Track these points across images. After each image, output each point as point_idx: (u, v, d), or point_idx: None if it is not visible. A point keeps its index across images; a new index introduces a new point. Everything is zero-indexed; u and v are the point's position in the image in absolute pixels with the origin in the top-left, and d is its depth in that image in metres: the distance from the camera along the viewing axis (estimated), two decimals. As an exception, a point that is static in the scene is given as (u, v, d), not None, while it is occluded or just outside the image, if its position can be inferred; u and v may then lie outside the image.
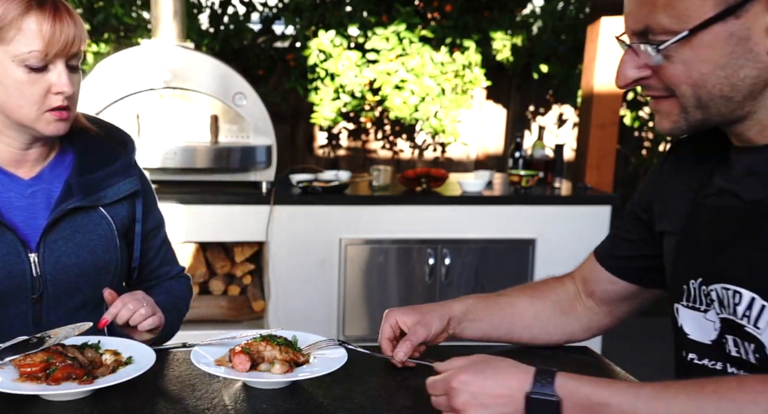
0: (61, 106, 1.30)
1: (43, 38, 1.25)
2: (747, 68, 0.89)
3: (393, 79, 4.92)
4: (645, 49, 0.93)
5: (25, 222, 1.36)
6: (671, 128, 0.98)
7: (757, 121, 0.94)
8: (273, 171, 3.68)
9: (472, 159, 5.99)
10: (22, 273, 1.34)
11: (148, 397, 1.18)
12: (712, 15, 0.87)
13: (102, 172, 1.42)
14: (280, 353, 1.26)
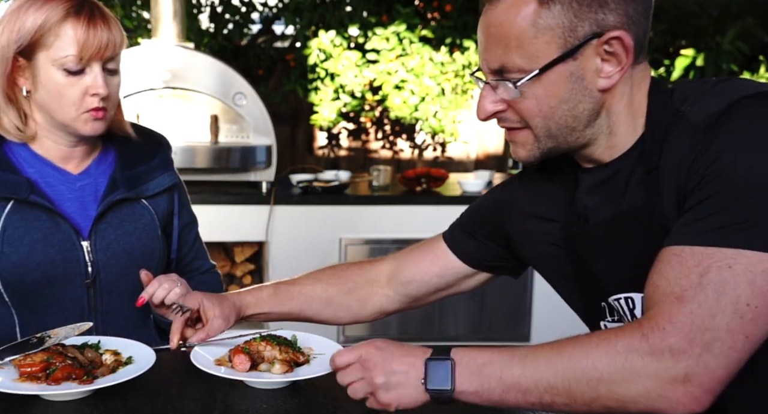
0: (98, 107, 1.38)
1: (78, 43, 1.34)
2: (584, 102, 1.03)
3: (393, 79, 4.92)
4: (502, 86, 1.05)
5: (77, 213, 1.46)
6: (527, 156, 1.10)
7: (599, 145, 1.08)
8: (273, 171, 3.68)
9: (472, 159, 5.99)
10: (77, 259, 1.43)
11: (148, 397, 1.18)
12: (555, 56, 1.00)
13: (143, 168, 1.53)
14: (280, 353, 1.26)
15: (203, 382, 1.23)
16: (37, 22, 1.34)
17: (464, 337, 3.81)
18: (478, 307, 3.76)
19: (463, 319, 3.82)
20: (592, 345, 0.93)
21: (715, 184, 0.91)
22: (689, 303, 0.88)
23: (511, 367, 0.96)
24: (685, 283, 0.89)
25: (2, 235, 1.38)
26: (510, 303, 3.79)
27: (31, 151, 1.46)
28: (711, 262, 0.88)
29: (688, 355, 0.87)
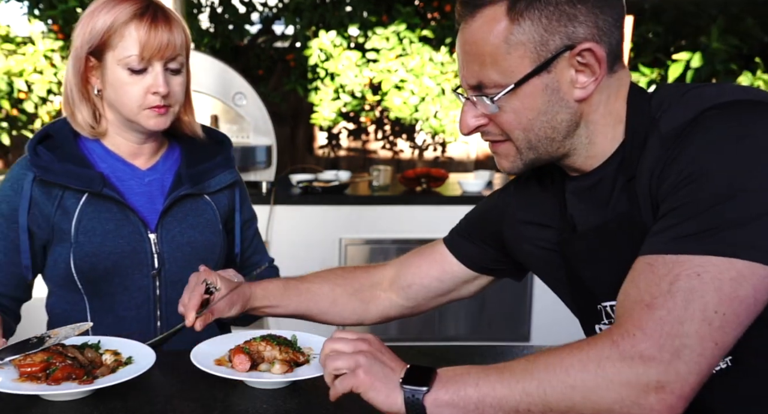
0: (159, 104, 1.46)
1: (140, 43, 1.42)
2: (562, 113, 1.06)
3: (393, 78, 4.93)
4: (481, 101, 1.07)
5: (144, 206, 1.55)
6: (510, 167, 1.13)
7: (579, 154, 1.10)
8: (273, 171, 3.68)
9: (472, 159, 6.00)
10: (144, 250, 1.52)
11: (148, 397, 1.18)
12: (530, 70, 1.03)
13: (206, 165, 1.61)
14: (280, 353, 1.26)
15: (203, 382, 1.23)
16: (106, 24, 1.43)
17: (464, 337, 3.81)
18: (478, 307, 3.76)
19: (463, 320, 3.82)
20: (565, 354, 0.94)
21: (683, 194, 0.93)
22: (658, 310, 0.89)
23: (488, 375, 0.98)
24: (655, 291, 0.90)
25: (77, 225, 1.47)
26: (510, 303, 3.79)
27: (104, 147, 1.55)
28: (680, 270, 0.90)
29: (658, 361, 0.88)
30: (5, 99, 4.80)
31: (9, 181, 1.50)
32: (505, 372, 0.97)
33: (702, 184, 0.92)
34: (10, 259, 1.49)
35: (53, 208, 1.47)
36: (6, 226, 1.48)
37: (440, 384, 0.99)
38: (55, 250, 1.49)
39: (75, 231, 1.47)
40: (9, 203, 1.48)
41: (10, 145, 5.13)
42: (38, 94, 4.84)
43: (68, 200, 1.48)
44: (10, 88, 4.79)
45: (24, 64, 4.77)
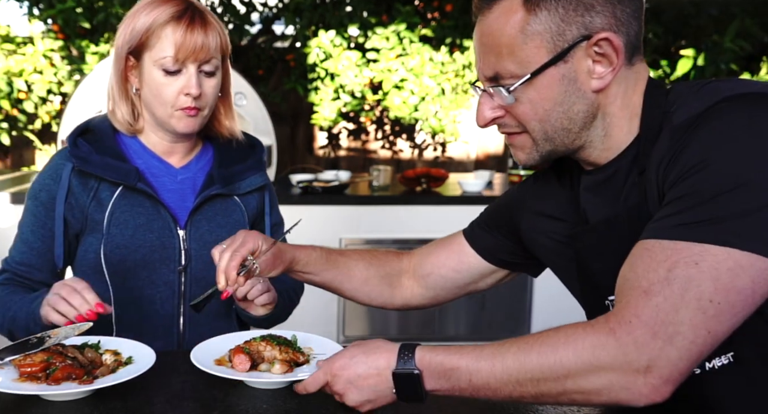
0: (190, 106, 1.49)
1: (176, 45, 1.45)
2: (578, 104, 1.06)
3: (393, 78, 4.92)
4: (498, 92, 1.07)
5: (175, 203, 1.58)
6: (526, 159, 1.13)
7: (595, 147, 1.11)
8: (273, 171, 3.68)
9: (472, 159, 6.00)
10: (173, 246, 1.55)
11: (148, 397, 1.18)
12: (546, 60, 1.03)
13: (237, 167, 1.65)
14: (280, 353, 1.26)
15: (203, 382, 1.23)
16: (145, 25, 1.47)
17: (464, 337, 3.82)
18: (478, 307, 3.76)
19: (463, 319, 3.82)
20: (560, 342, 0.95)
21: (688, 183, 0.93)
22: (655, 297, 0.90)
23: (479, 370, 0.99)
24: (652, 277, 0.91)
25: (110, 217, 1.51)
26: (510, 303, 3.79)
27: (141, 143, 1.59)
28: (679, 257, 0.90)
29: (651, 347, 0.89)
30: (5, 99, 4.80)
31: (48, 171, 1.54)
32: (497, 364, 0.98)
33: (707, 174, 0.92)
34: (47, 247, 1.53)
35: (88, 199, 1.51)
36: (45, 214, 1.52)
37: (432, 383, 1.02)
38: (86, 241, 1.52)
39: (107, 222, 1.50)
40: (48, 192, 1.52)
41: (10, 145, 5.13)
42: (38, 94, 4.84)
43: (103, 192, 1.52)
44: (10, 88, 4.79)
45: (24, 64, 4.77)
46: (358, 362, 1.07)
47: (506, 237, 1.36)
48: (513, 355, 0.97)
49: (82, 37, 4.86)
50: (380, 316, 3.76)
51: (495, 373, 0.98)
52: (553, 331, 0.97)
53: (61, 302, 1.35)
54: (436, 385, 1.03)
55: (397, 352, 1.04)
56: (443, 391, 1.03)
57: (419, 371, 1.02)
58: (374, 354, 1.06)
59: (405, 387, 1.04)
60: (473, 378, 1.00)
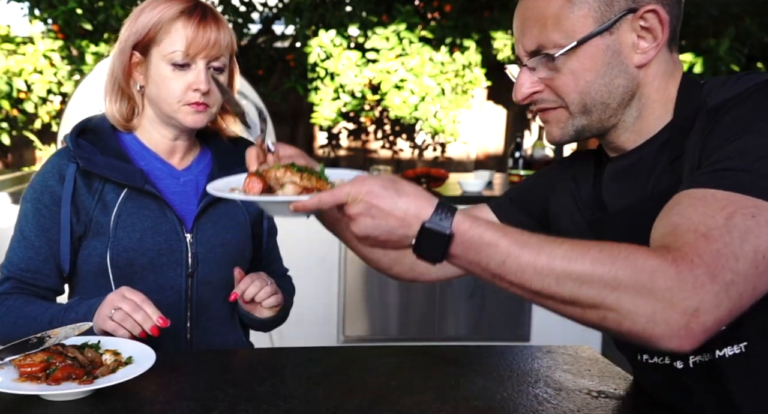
0: (198, 101, 1.47)
1: (186, 40, 1.43)
2: (620, 78, 1.06)
3: (393, 78, 4.92)
4: (540, 64, 1.08)
5: (180, 206, 1.55)
6: (560, 135, 1.12)
7: (626, 128, 1.11)
8: (273, 171, 3.67)
9: (472, 159, 6.00)
10: (180, 250, 1.52)
11: (148, 397, 1.18)
12: (592, 30, 1.04)
13: (238, 169, 1.52)
14: (301, 180, 1.10)
15: (203, 382, 1.23)
16: (153, 20, 1.45)
17: (464, 337, 3.82)
18: (478, 307, 3.76)
19: (463, 319, 3.82)
20: (620, 255, 0.88)
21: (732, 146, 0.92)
22: (715, 242, 0.86)
23: (519, 256, 0.91)
24: (711, 223, 0.87)
25: (116, 220, 1.48)
26: (510, 303, 3.79)
27: (141, 143, 1.56)
28: (736, 208, 0.87)
29: (708, 289, 0.85)
30: (5, 99, 4.80)
31: (50, 172, 1.49)
32: (542, 256, 0.90)
33: (752, 138, 0.92)
34: (53, 252, 1.48)
35: (93, 202, 1.47)
36: (49, 217, 1.47)
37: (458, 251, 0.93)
38: (89, 244, 1.48)
39: (114, 225, 1.47)
40: (52, 193, 1.47)
41: (10, 145, 5.13)
42: (38, 94, 4.84)
43: (108, 194, 1.48)
44: (10, 88, 4.79)
45: (24, 64, 4.77)
46: (387, 196, 0.95)
47: (533, 217, 1.32)
48: (565, 250, 0.90)
49: (82, 37, 4.86)
50: (380, 316, 3.76)
51: (537, 264, 0.90)
52: (613, 244, 0.91)
53: (128, 319, 1.33)
54: (461, 253, 0.94)
55: (435, 205, 0.94)
56: (464, 262, 0.94)
57: (452, 233, 0.93)
58: (407, 197, 0.95)
59: (429, 244, 0.94)
60: (508, 261, 0.91)
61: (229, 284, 1.52)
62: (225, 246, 1.56)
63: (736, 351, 1.00)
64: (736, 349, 1.00)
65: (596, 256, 0.88)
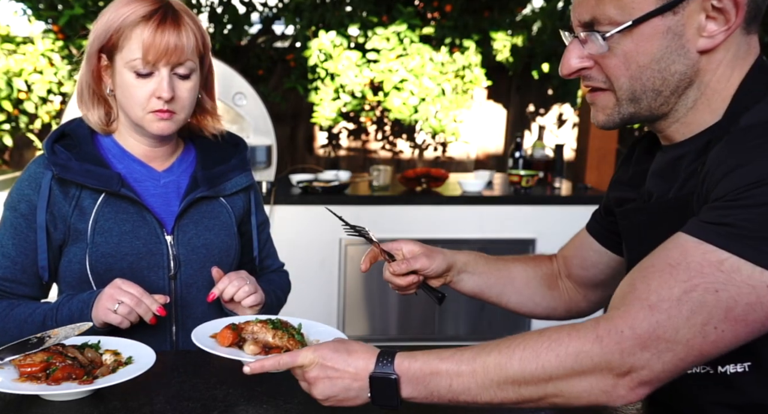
0: (162, 109, 1.43)
1: (145, 47, 1.39)
2: (678, 64, 0.96)
3: (393, 78, 4.92)
4: (591, 39, 0.98)
5: (160, 208, 1.54)
6: (605, 121, 1.05)
7: (676, 118, 1.02)
8: (273, 171, 3.68)
9: (472, 159, 6.00)
10: (161, 252, 1.51)
11: (148, 397, 1.18)
12: (653, 8, 0.93)
13: (221, 168, 1.60)
14: (273, 338, 1.24)
15: (203, 382, 1.23)
16: (114, 24, 1.41)
17: (464, 337, 3.82)
18: (478, 307, 3.76)
19: (463, 319, 3.82)
20: (543, 347, 0.93)
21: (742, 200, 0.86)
22: (659, 314, 0.86)
23: (459, 375, 0.97)
24: (664, 294, 0.87)
25: (94, 226, 1.46)
26: (510, 303, 3.79)
27: (120, 147, 1.54)
28: (701, 281, 0.85)
29: (636, 357, 0.87)
30: (6, 100, 4.80)
31: (27, 181, 1.48)
32: (478, 370, 0.96)
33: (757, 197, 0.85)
34: (31, 260, 1.48)
35: (70, 208, 1.46)
36: (26, 226, 1.46)
37: (409, 389, 1.00)
38: (70, 251, 1.48)
39: (91, 231, 1.45)
40: (29, 202, 1.46)
41: (12, 146, 5.13)
42: (38, 94, 4.84)
43: (85, 200, 1.47)
44: (10, 88, 4.79)
45: (24, 63, 4.77)
46: (339, 357, 1.03)
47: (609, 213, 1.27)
48: (494, 359, 0.95)
49: (82, 37, 4.86)
50: (380, 316, 3.77)
51: (476, 377, 0.96)
52: (537, 334, 0.95)
53: (133, 312, 1.37)
54: (414, 391, 1.00)
55: (377, 356, 1.02)
56: (420, 398, 1.00)
57: (397, 376, 0.99)
58: (355, 354, 1.03)
59: (381, 391, 1.01)
60: (453, 382, 0.97)
61: (213, 285, 1.51)
62: (208, 247, 1.55)
63: (739, 370, 0.98)
64: (740, 367, 0.98)
65: (522, 356, 0.93)
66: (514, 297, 1.39)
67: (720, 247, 0.85)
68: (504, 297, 1.39)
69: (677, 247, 0.89)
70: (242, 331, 1.27)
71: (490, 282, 1.37)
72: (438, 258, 1.33)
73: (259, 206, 1.70)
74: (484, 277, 1.37)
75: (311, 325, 1.36)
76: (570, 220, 3.72)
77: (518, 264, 1.40)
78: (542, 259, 1.43)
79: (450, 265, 1.35)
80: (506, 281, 1.38)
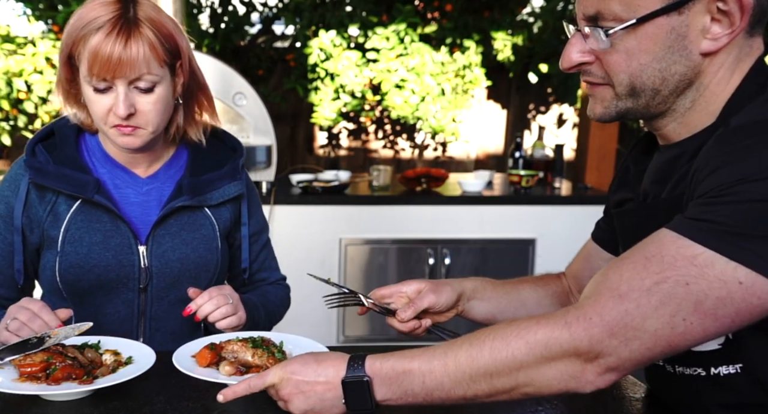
0: (121, 124, 1.36)
1: (98, 62, 1.30)
2: (679, 64, 0.96)
3: (393, 77, 4.92)
4: (594, 34, 0.98)
5: (138, 217, 1.47)
6: (602, 113, 1.04)
7: (674, 118, 1.02)
8: (273, 171, 3.68)
9: (472, 159, 6.00)
10: (132, 264, 1.44)
11: (148, 397, 1.18)
12: (658, 7, 0.92)
13: (212, 175, 1.51)
14: (253, 356, 1.23)
15: (203, 382, 1.23)
16: (74, 33, 1.33)
17: (464, 337, 3.81)
18: (478, 307, 3.75)
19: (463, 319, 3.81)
20: (512, 336, 0.93)
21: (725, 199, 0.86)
22: (628, 303, 0.87)
23: (432, 371, 0.97)
24: (635, 284, 0.87)
25: (65, 234, 1.41)
26: (510, 303, 3.78)
27: (104, 151, 1.48)
28: (673, 274, 0.85)
29: (604, 344, 0.88)
30: (5, 99, 4.80)
31: (7, 182, 1.45)
32: (449, 364, 0.96)
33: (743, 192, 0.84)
34: (8, 262, 1.45)
35: (45, 214, 1.42)
36: (4, 228, 1.44)
37: (383, 391, 0.99)
38: (44, 256, 1.44)
39: (62, 240, 1.41)
40: (7, 204, 1.44)
41: (11, 146, 5.14)
42: (38, 94, 4.84)
43: (61, 206, 1.42)
44: (10, 88, 4.79)
45: (24, 64, 4.77)
46: (308, 369, 1.02)
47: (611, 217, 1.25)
48: (465, 351, 0.95)
49: (82, 37, 4.86)
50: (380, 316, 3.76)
51: (448, 371, 0.96)
52: (506, 324, 0.95)
53: (24, 328, 1.28)
54: (388, 392, 0.99)
55: (348, 361, 1.01)
56: (395, 399, 1.00)
57: (369, 378, 0.99)
58: (325, 362, 1.03)
59: (354, 396, 1.00)
60: (426, 379, 0.97)
61: (187, 301, 1.42)
62: (183, 262, 1.48)
63: (731, 371, 0.99)
64: (732, 369, 0.98)
65: (492, 346, 0.94)
66: None
67: (697, 241, 0.86)
68: None
69: (655, 241, 0.90)
70: (222, 350, 1.25)
71: (501, 306, 1.35)
72: (445, 290, 1.30)
73: (253, 215, 1.61)
74: (495, 302, 1.35)
75: (295, 341, 1.33)
76: (570, 220, 3.73)
77: (527, 285, 1.38)
78: (550, 278, 1.41)
79: (459, 295, 1.32)
80: (518, 304, 1.35)
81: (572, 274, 1.39)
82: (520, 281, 1.40)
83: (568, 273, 1.41)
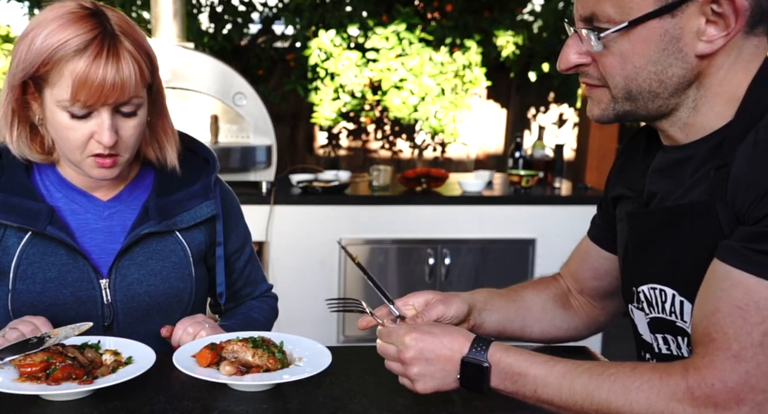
0: (102, 153, 1.25)
1: (86, 88, 1.18)
2: (675, 67, 0.94)
3: (393, 78, 4.93)
4: (588, 36, 0.96)
5: (100, 246, 1.34)
6: (600, 115, 1.03)
7: (678, 118, 1.00)
8: (273, 171, 3.68)
9: (472, 159, 6.00)
10: (93, 300, 1.32)
11: (148, 397, 1.18)
12: (651, 10, 0.91)
13: (181, 194, 1.38)
14: (253, 357, 1.22)
15: (203, 382, 1.23)
16: (44, 54, 1.18)
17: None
18: (478, 307, 3.76)
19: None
20: (634, 386, 0.91)
21: None
22: (746, 363, 0.84)
23: (545, 386, 0.98)
24: (745, 341, 0.85)
25: (16, 270, 1.28)
26: (510, 303, 3.78)
27: (59, 175, 1.35)
28: None
29: (734, 411, 0.85)
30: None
31: None
32: (564, 387, 0.96)
33: None
34: None
35: None
36: None
37: (497, 381, 1.01)
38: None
39: (13, 276, 1.28)
40: None
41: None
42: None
43: (10, 238, 1.28)
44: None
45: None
46: (435, 337, 1.05)
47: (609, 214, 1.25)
48: (582, 383, 0.95)
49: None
50: (380, 316, 3.76)
51: (561, 393, 0.97)
52: (629, 369, 0.93)
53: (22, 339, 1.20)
54: (501, 385, 1.02)
55: (472, 340, 1.04)
56: (507, 392, 1.02)
57: (489, 365, 1.01)
58: (451, 335, 1.05)
59: (470, 376, 1.02)
60: (539, 390, 0.99)
61: (157, 337, 1.34)
62: (152, 294, 1.35)
63: None
64: None
65: (611, 389, 0.92)
66: (537, 326, 1.34)
67: None
68: (527, 329, 1.33)
69: (738, 286, 0.87)
70: (222, 350, 1.24)
71: (509, 316, 1.32)
72: (455, 301, 1.25)
73: (233, 232, 1.48)
74: (503, 312, 1.31)
75: (295, 341, 1.31)
76: (570, 220, 3.73)
77: (528, 291, 1.36)
78: (548, 280, 1.39)
79: (471, 307, 1.27)
80: (525, 312, 1.33)
81: (570, 274, 1.38)
82: (521, 287, 1.38)
83: (565, 273, 1.40)
